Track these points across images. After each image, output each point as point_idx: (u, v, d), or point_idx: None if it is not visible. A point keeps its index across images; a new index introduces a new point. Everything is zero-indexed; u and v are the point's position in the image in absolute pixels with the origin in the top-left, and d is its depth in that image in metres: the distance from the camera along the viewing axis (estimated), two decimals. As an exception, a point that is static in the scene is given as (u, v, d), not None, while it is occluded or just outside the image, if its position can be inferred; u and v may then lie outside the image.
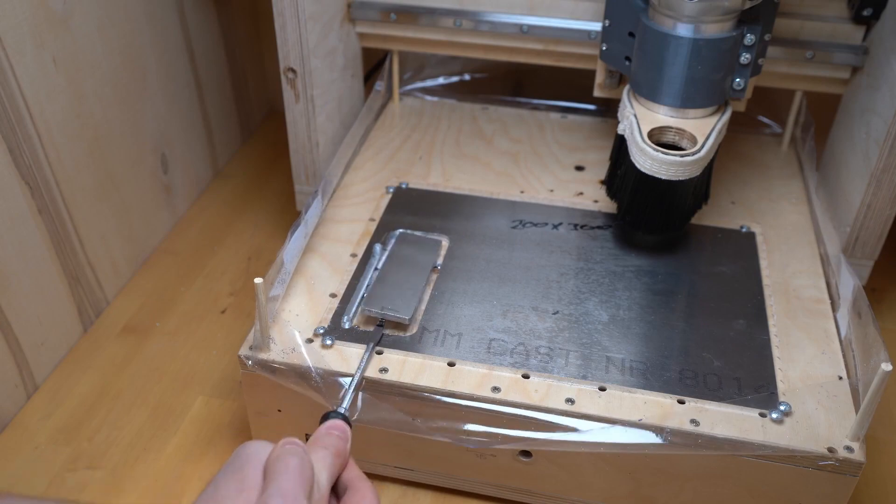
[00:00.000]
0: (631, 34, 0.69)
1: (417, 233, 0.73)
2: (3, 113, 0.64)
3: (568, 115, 0.94)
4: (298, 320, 0.64)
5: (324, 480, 0.42)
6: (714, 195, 0.77)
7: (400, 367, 0.60)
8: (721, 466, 0.57)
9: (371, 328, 0.63)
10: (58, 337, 0.75)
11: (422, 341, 0.63)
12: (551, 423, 0.57)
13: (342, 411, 0.51)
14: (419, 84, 0.98)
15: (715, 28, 0.63)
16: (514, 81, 1.01)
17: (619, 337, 0.64)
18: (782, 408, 0.58)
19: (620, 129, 0.70)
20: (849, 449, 0.55)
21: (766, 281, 0.70)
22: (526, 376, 0.60)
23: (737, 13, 0.64)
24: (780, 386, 0.60)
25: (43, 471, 0.67)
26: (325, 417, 0.50)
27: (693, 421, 0.57)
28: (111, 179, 0.79)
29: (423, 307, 0.66)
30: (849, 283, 0.67)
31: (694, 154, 0.64)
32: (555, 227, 0.76)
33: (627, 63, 0.71)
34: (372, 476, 0.66)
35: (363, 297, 0.66)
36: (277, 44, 0.72)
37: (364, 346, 0.62)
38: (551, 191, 0.80)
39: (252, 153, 1.06)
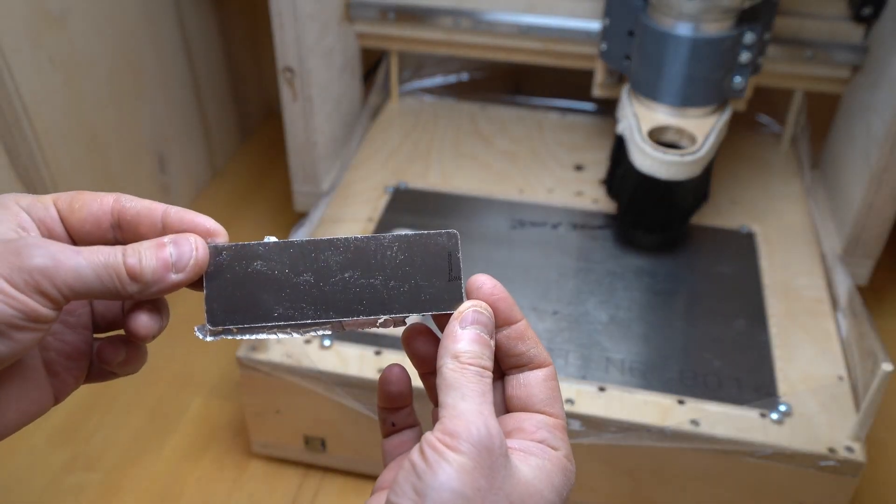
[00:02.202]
0: (630, 33, 0.69)
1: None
2: (-1, 113, 0.64)
3: (567, 114, 0.93)
4: (297, 321, 0.64)
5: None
6: (714, 195, 0.77)
7: (399, 367, 0.60)
8: (721, 467, 0.57)
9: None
10: (55, 338, 0.75)
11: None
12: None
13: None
14: (418, 84, 0.98)
15: (714, 27, 0.63)
16: (513, 81, 1.01)
17: (619, 337, 0.64)
18: (782, 408, 0.57)
19: (620, 129, 0.70)
20: (849, 449, 0.55)
21: (766, 281, 0.70)
22: (525, 377, 0.60)
23: (736, 12, 0.63)
24: (781, 386, 0.60)
25: (41, 472, 0.66)
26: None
27: (693, 421, 0.57)
28: (108, 179, 0.79)
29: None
30: (844, 284, 0.66)
31: (694, 153, 0.64)
32: (554, 227, 0.75)
33: (627, 62, 0.71)
34: (373, 477, 0.66)
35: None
36: (275, 43, 0.72)
37: (364, 347, 0.62)
38: (551, 191, 0.80)
39: (250, 153, 1.05)
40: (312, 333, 0.34)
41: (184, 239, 0.33)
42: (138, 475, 0.67)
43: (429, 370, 0.37)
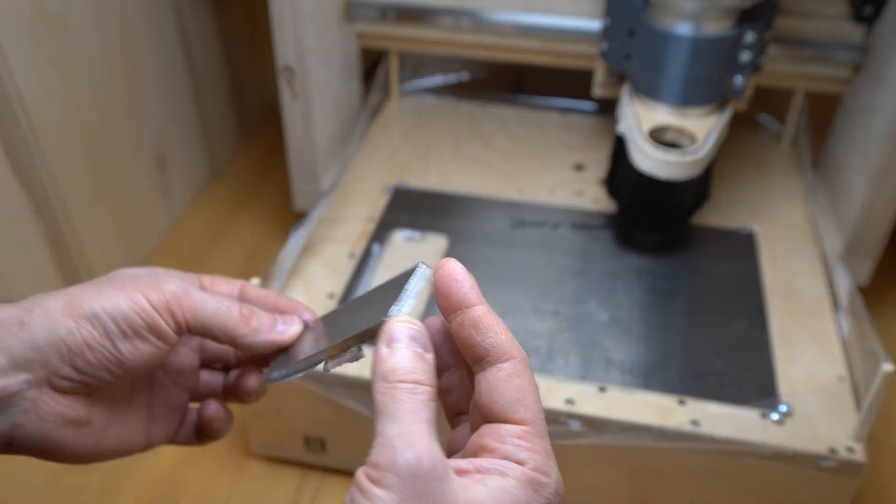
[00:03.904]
0: (631, 32, 0.69)
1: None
2: (-1, 113, 0.64)
3: (567, 114, 0.93)
4: (296, 321, 0.64)
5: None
6: (714, 195, 0.77)
7: (398, 367, 0.60)
8: (721, 467, 0.57)
9: None
10: (55, 338, 0.75)
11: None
12: (551, 422, 0.57)
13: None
14: (418, 84, 0.98)
15: (715, 26, 0.63)
16: (513, 81, 1.01)
17: (619, 337, 0.64)
18: (783, 408, 0.57)
19: (620, 129, 0.70)
20: (850, 450, 0.55)
21: (766, 281, 0.69)
22: (525, 377, 0.60)
23: (737, 12, 0.63)
24: (781, 386, 0.59)
25: (39, 473, 0.66)
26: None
27: (693, 421, 0.56)
28: (108, 180, 0.79)
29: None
30: (844, 284, 0.66)
31: (695, 153, 0.64)
32: (554, 227, 0.75)
33: (627, 61, 0.71)
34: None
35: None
36: (275, 42, 0.72)
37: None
38: (551, 190, 0.80)
39: (250, 153, 1.05)
40: (318, 369, 0.38)
41: (289, 317, 0.40)
42: (137, 475, 0.67)
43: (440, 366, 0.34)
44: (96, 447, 0.38)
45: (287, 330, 0.39)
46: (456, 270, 0.32)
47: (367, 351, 0.36)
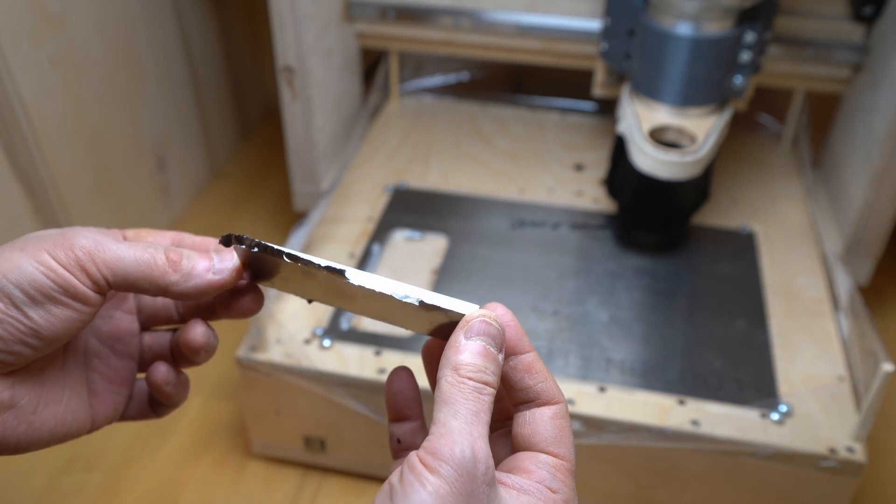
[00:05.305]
0: (631, 32, 0.69)
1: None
2: (-2, 113, 0.64)
3: (567, 114, 0.93)
4: (296, 321, 0.64)
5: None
6: (714, 195, 0.77)
7: (398, 367, 0.60)
8: (721, 467, 0.57)
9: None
10: (55, 338, 0.75)
11: (421, 342, 0.62)
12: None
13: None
14: (418, 84, 0.98)
15: (715, 26, 0.63)
16: (513, 81, 1.01)
17: (619, 337, 0.64)
18: (783, 408, 0.57)
19: (620, 129, 0.70)
20: (850, 450, 0.55)
21: (766, 281, 0.69)
22: (525, 377, 0.60)
23: (737, 12, 0.63)
24: (781, 386, 0.59)
25: (40, 472, 0.66)
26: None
27: (693, 421, 0.56)
28: (108, 179, 0.79)
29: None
30: (845, 284, 0.66)
31: (695, 153, 0.64)
32: (554, 227, 0.75)
33: (627, 61, 0.70)
34: (372, 478, 0.66)
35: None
36: (275, 43, 0.72)
37: (363, 348, 0.62)
38: (551, 190, 0.80)
39: (250, 153, 1.05)
40: (316, 266, 0.34)
41: (227, 252, 0.36)
42: (137, 475, 0.67)
43: (396, 417, 0.37)
44: (30, 432, 0.33)
45: (225, 268, 0.35)
46: (507, 315, 0.33)
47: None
